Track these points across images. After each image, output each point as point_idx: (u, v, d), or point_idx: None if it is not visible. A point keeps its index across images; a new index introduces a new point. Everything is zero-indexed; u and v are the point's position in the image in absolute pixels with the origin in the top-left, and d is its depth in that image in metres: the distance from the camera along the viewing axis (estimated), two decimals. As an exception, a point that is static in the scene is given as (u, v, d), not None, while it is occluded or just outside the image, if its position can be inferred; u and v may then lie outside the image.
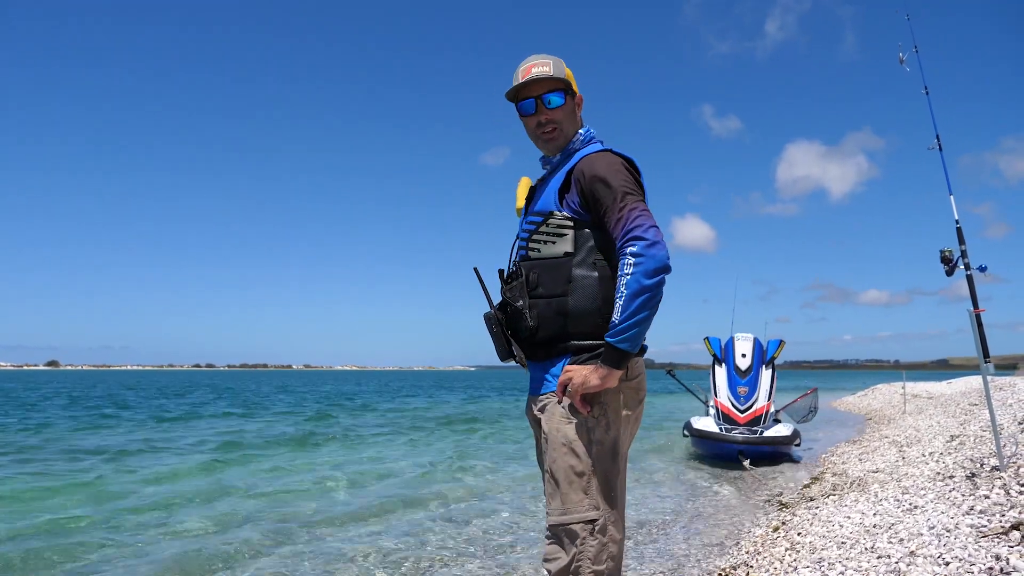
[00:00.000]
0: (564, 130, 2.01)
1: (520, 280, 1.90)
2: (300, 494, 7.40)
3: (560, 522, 1.78)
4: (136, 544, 5.28)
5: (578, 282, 1.83)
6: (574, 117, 2.04)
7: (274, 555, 4.94)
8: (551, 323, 1.85)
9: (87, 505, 6.85)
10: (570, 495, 1.78)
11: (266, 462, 10.06)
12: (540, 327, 1.87)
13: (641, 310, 1.68)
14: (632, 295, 1.67)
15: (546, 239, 1.89)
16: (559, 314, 1.84)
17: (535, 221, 1.93)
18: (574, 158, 1.95)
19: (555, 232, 1.87)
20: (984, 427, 7.39)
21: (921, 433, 9.38)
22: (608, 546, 1.78)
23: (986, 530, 3.31)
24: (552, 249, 1.87)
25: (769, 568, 3.95)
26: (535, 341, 1.89)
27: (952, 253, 4.70)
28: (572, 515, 1.77)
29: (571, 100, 2.02)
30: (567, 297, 1.83)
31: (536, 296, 1.87)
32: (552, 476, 1.83)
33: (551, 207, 1.90)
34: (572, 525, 1.77)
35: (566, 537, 1.77)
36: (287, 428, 16.05)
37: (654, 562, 4.65)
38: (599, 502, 1.79)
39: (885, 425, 13.68)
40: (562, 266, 1.85)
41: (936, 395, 20.25)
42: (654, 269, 1.67)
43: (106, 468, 9.39)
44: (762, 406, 9.85)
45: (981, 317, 4.60)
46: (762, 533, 5.17)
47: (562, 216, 1.87)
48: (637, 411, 1.94)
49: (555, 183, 1.93)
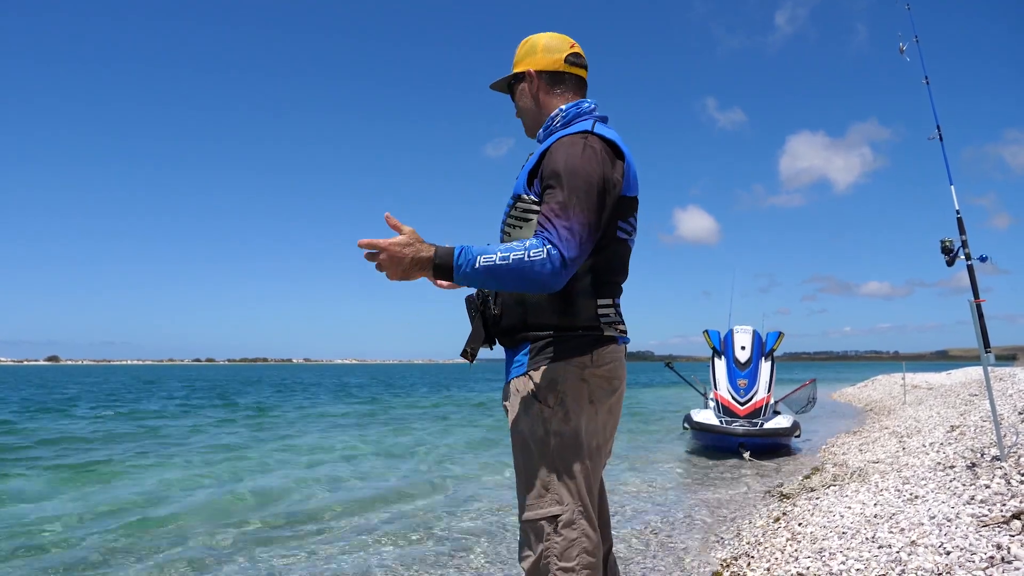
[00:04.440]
0: (527, 120, 1.95)
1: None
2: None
3: (525, 518, 1.73)
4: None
5: None
6: (536, 100, 1.91)
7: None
8: (512, 312, 1.79)
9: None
10: (531, 490, 1.72)
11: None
12: (503, 315, 1.81)
13: (489, 281, 1.58)
14: (501, 268, 1.55)
15: (515, 223, 1.79)
16: (518, 303, 1.77)
17: (509, 204, 1.84)
18: (548, 141, 1.79)
19: (522, 216, 1.77)
20: (984, 417, 7.40)
21: (921, 424, 9.40)
22: (579, 542, 1.68)
23: (987, 519, 3.31)
24: (519, 234, 1.77)
25: (770, 559, 3.96)
26: (500, 329, 1.83)
27: (952, 243, 4.70)
28: (535, 511, 1.71)
29: (521, 88, 1.93)
30: None
31: None
32: (516, 470, 1.80)
33: (520, 190, 1.80)
34: (537, 521, 1.70)
35: (532, 534, 1.71)
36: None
37: (655, 555, 4.67)
38: (563, 496, 1.69)
39: (885, 416, 13.71)
40: None
41: (936, 386, 20.27)
42: (522, 273, 1.55)
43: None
44: (762, 398, 9.87)
45: (982, 307, 4.59)
46: (763, 524, 5.18)
47: (529, 200, 1.76)
48: (610, 402, 1.83)
49: (528, 165, 1.82)
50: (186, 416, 18.02)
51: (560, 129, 1.82)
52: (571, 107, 1.86)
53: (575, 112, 1.86)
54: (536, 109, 1.91)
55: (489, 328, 1.86)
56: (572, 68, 1.90)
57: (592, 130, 1.74)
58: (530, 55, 1.90)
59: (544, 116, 1.90)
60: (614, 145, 1.76)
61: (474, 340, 1.87)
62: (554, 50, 1.89)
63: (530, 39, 1.93)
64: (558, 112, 1.86)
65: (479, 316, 1.85)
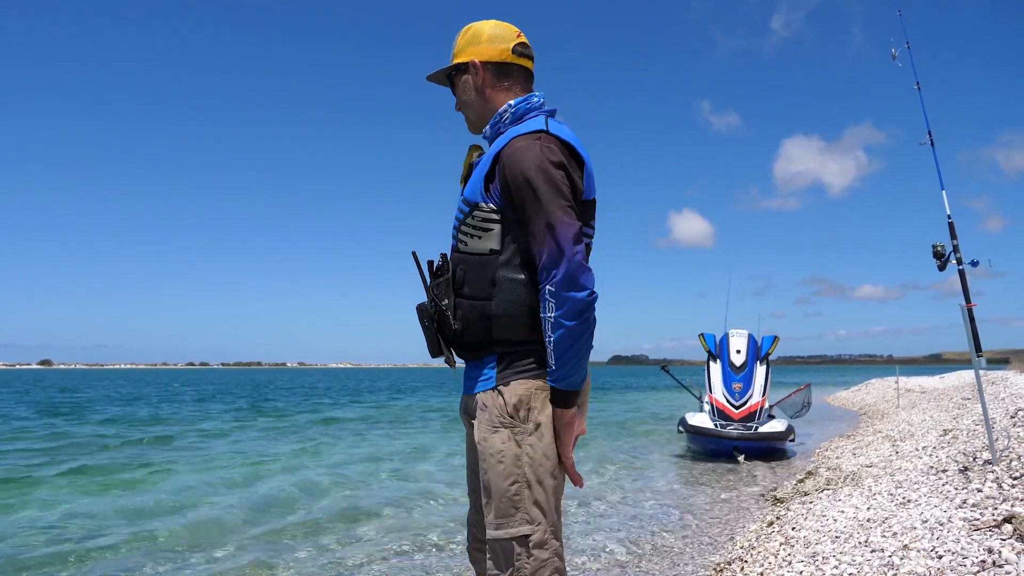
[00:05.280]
0: (470, 115, 1.82)
1: (446, 276, 1.70)
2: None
3: (494, 537, 1.63)
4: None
5: (503, 285, 1.63)
6: (479, 92, 1.77)
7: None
8: (475, 327, 1.66)
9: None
10: (501, 509, 1.62)
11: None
12: (465, 330, 1.68)
13: (574, 353, 1.55)
14: (560, 341, 1.54)
15: (472, 232, 1.67)
16: (483, 318, 1.65)
17: (463, 210, 1.71)
18: (501, 142, 1.67)
19: (480, 226, 1.65)
20: (977, 421, 7.42)
21: (914, 427, 9.43)
22: (550, 562, 1.61)
23: (979, 523, 3.32)
24: (478, 244, 1.66)
25: (763, 563, 3.96)
26: (461, 343, 1.71)
27: (944, 248, 4.72)
28: (505, 530, 1.61)
29: (463, 80, 1.79)
30: (491, 301, 1.64)
31: (461, 296, 1.69)
32: (484, 488, 1.67)
33: (477, 197, 1.67)
34: (508, 541, 1.61)
35: (502, 553, 1.62)
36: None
37: (650, 558, 4.67)
38: (534, 515, 1.61)
39: (879, 420, 13.75)
40: (487, 265, 1.65)
41: (929, 389, 20.34)
42: (576, 312, 1.52)
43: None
44: (757, 402, 9.90)
45: (973, 312, 4.62)
46: (756, 528, 5.19)
47: (488, 208, 1.65)
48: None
49: (481, 169, 1.68)
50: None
51: (510, 126, 1.72)
52: (520, 102, 1.74)
53: (525, 107, 1.74)
54: (481, 103, 1.77)
55: (447, 341, 1.74)
56: (519, 59, 1.77)
57: (547, 129, 1.64)
58: (473, 44, 1.76)
59: (491, 111, 1.77)
60: (571, 147, 1.66)
61: (433, 352, 1.76)
62: (500, 40, 1.76)
63: (472, 27, 1.79)
64: (507, 107, 1.74)
65: (433, 327, 1.73)
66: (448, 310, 1.69)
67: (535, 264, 1.60)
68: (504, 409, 1.64)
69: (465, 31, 1.80)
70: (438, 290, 1.71)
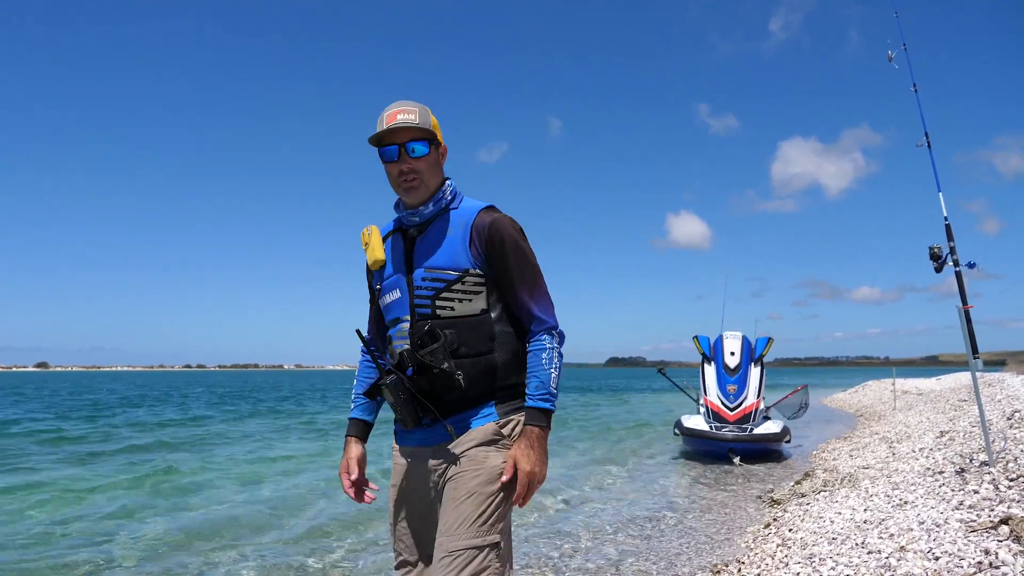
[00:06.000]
0: (425, 180, 1.91)
1: (441, 343, 1.80)
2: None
3: (473, 544, 1.76)
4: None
5: (500, 338, 1.86)
6: (438, 168, 1.95)
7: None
8: (480, 381, 1.84)
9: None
10: (485, 517, 1.78)
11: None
12: (469, 387, 1.82)
13: (559, 377, 1.87)
14: (556, 367, 1.86)
15: (461, 297, 1.85)
16: (487, 372, 1.84)
17: (444, 278, 1.85)
18: (466, 213, 1.90)
19: (472, 289, 1.85)
20: (973, 423, 7.44)
21: (911, 429, 9.45)
22: (508, 569, 1.82)
23: (975, 525, 3.33)
24: (469, 307, 1.85)
25: (760, 564, 3.96)
26: (462, 400, 1.84)
27: (941, 250, 4.73)
28: (484, 537, 1.77)
29: (435, 151, 1.94)
30: (493, 354, 1.85)
31: (460, 356, 1.82)
32: (470, 497, 1.80)
33: (465, 264, 1.85)
34: (483, 548, 1.76)
35: (477, 558, 1.75)
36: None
37: (647, 559, 4.66)
38: (504, 529, 1.83)
39: (875, 421, 13.77)
40: (483, 323, 1.85)
41: (926, 391, 20.39)
42: (563, 341, 1.92)
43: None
44: (751, 404, 9.90)
45: (970, 313, 4.62)
46: (753, 530, 5.19)
47: (476, 274, 1.85)
48: None
49: (456, 239, 1.87)
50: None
51: (452, 202, 1.95)
52: (454, 184, 1.99)
53: (457, 189, 2.00)
54: (432, 179, 1.93)
55: (438, 402, 1.83)
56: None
57: (493, 205, 1.96)
58: (438, 129, 1.96)
59: (435, 187, 1.94)
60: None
61: (413, 422, 1.84)
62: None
63: (427, 109, 1.96)
64: (449, 186, 1.97)
65: (410, 397, 1.82)
66: (453, 371, 1.80)
67: (515, 316, 1.91)
68: (504, 435, 1.87)
69: (424, 110, 1.95)
70: (434, 356, 1.79)
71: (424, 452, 1.91)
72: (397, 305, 1.92)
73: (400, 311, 1.91)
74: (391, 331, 1.94)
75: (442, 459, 1.87)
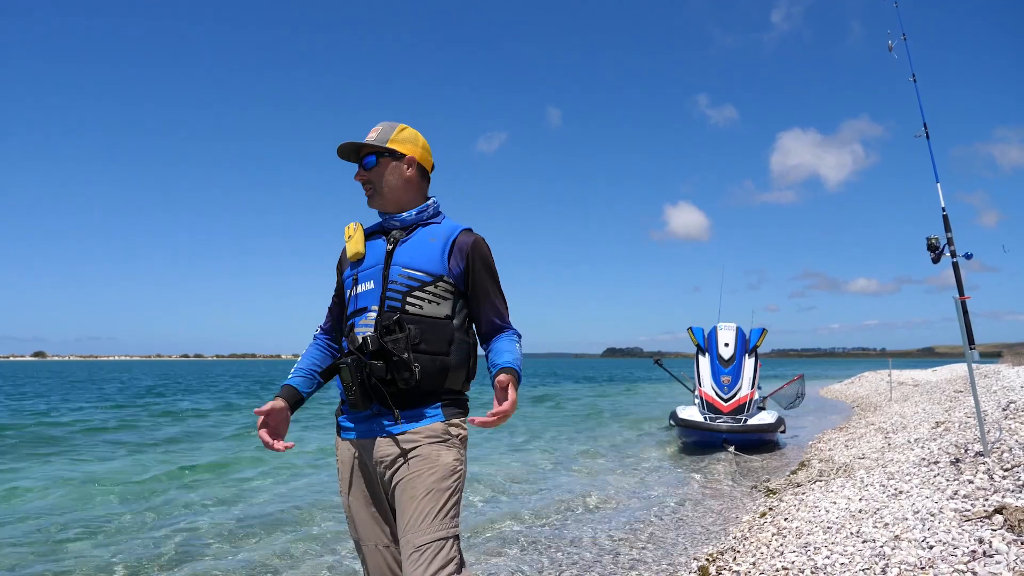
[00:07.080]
0: (379, 189, 2.10)
1: (405, 334, 1.96)
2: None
3: (438, 536, 1.89)
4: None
5: (458, 345, 2.02)
6: (406, 185, 2.11)
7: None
8: (432, 378, 1.98)
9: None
10: (443, 511, 1.91)
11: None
12: (422, 381, 1.96)
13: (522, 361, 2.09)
14: (521, 353, 2.09)
15: (431, 299, 2.01)
16: (441, 371, 1.98)
17: (419, 279, 2.01)
18: (448, 229, 2.09)
19: (441, 295, 2.01)
20: (968, 414, 7.47)
21: (907, 420, 9.48)
22: (462, 559, 1.94)
23: (969, 514, 3.35)
24: (436, 310, 2.00)
25: (756, 553, 3.98)
26: (413, 391, 1.97)
27: (938, 241, 4.73)
28: (447, 530, 1.90)
29: (388, 162, 2.09)
30: (449, 357, 1.99)
31: (419, 352, 1.97)
32: (428, 495, 1.92)
33: (440, 271, 2.02)
34: (447, 539, 1.89)
35: (443, 549, 1.88)
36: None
37: (644, 549, 4.68)
38: (458, 522, 1.96)
39: (871, 412, 13.81)
40: (445, 327, 2.00)
41: (922, 382, 20.47)
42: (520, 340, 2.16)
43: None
44: (745, 394, 9.93)
45: (967, 304, 4.63)
46: (749, 519, 5.21)
47: (448, 282, 2.02)
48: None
49: (437, 248, 2.05)
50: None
51: (433, 217, 2.14)
52: (436, 202, 2.18)
53: (439, 208, 2.18)
54: (403, 193, 2.11)
55: (378, 391, 1.95)
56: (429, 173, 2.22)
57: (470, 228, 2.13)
58: (412, 143, 2.13)
59: (411, 202, 2.13)
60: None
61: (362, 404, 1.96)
62: (429, 154, 2.20)
63: (410, 129, 2.15)
64: (433, 202, 2.16)
65: (366, 380, 1.94)
66: (410, 362, 1.94)
67: (472, 329, 2.11)
68: (452, 435, 2.00)
69: (404, 128, 2.14)
70: (396, 344, 1.95)
71: (367, 444, 2.02)
72: (368, 295, 2.04)
73: (370, 301, 2.03)
74: (356, 319, 2.05)
75: (387, 452, 1.97)
